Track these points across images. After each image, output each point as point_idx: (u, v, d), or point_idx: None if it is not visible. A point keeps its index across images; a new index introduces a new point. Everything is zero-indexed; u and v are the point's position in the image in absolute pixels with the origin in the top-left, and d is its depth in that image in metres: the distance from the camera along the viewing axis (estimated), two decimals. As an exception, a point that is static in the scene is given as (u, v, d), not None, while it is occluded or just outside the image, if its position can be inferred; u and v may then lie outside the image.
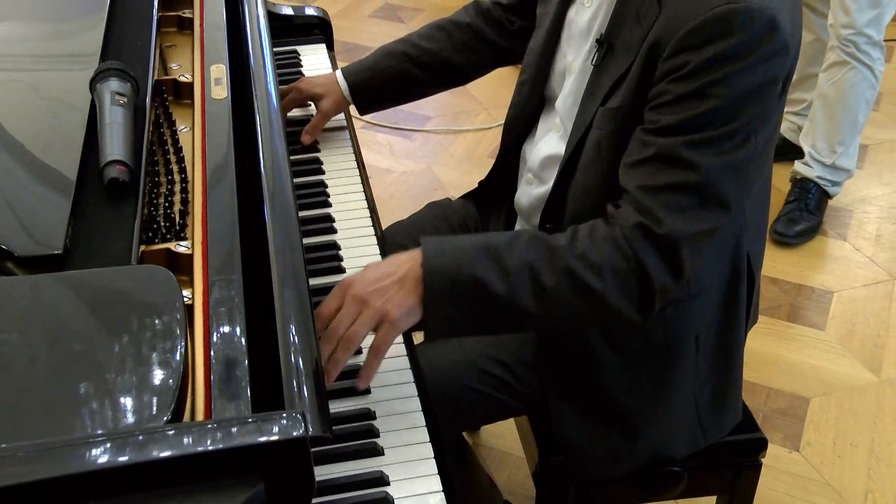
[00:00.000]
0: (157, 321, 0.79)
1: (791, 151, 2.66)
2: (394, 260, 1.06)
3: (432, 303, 1.02)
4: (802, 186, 2.52)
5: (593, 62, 1.15)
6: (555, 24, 1.25)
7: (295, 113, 1.55)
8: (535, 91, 1.30)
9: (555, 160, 1.23)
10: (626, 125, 1.09)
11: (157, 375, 0.74)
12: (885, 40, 2.40)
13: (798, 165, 2.54)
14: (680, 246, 1.03)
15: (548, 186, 1.24)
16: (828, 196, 2.53)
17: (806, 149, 2.51)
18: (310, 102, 1.54)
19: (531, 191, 1.30)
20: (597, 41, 1.14)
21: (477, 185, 1.48)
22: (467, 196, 1.51)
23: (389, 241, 1.37)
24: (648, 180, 1.03)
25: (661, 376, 1.22)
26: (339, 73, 1.50)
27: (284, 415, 0.70)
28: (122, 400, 0.72)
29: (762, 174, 1.18)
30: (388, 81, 1.48)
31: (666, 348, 1.21)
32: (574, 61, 1.22)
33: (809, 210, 2.50)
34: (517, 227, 1.37)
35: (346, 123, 1.56)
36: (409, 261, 1.04)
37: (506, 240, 1.06)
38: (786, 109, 2.69)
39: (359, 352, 1.05)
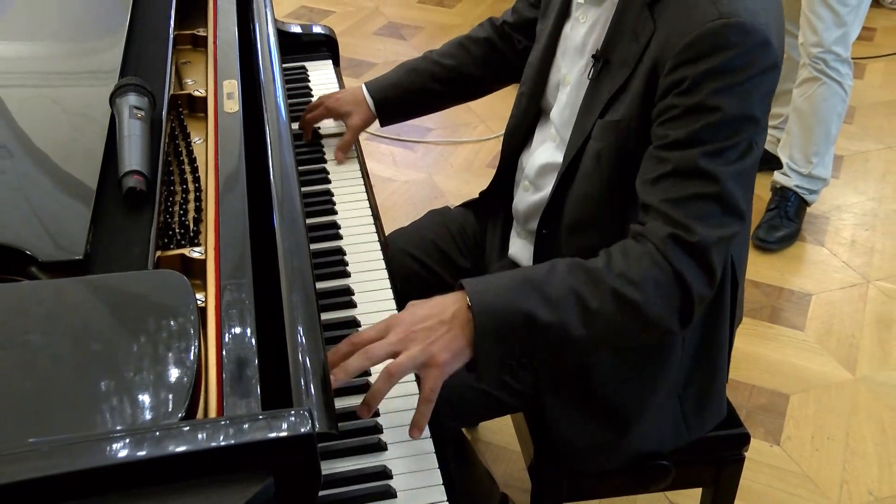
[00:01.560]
0: (172, 323, 0.79)
1: (771, 162, 2.67)
2: (439, 301, 0.99)
3: (484, 343, 0.97)
4: (782, 195, 2.53)
5: (590, 76, 1.14)
6: (551, 39, 1.25)
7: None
8: (532, 103, 1.30)
9: (551, 168, 1.23)
10: (627, 138, 1.09)
11: (173, 374, 0.74)
12: (854, 58, 2.42)
13: (777, 175, 2.56)
14: (711, 251, 1.01)
15: (543, 193, 1.24)
16: (806, 204, 2.54)
17: (784, 160, 2.53)
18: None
19: (528, 197, 1.30)
20: (593, 56, 1.14)
21: (478, 195, 1.48)
22: (466, 204, 1.50)
23: (392, 246, 1.37)
24: (671, 193, 1.02)
25: (649, 373, 1.22)
26: (364, 89, 1.49)
27: (293, 412, 0.69)
28: (139, 397, 0.72)
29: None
30: (411, 97, 1.49)
31: (654, 346, 1.21)
32: (568, 74, 1.22)
33: (789, 217, 2.51)
34: (513, 232, 1.37)
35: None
36: (454, 302, 0.98)
37: (544, 271, 1.02)
38: None
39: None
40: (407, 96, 1.49)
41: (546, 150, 1.26)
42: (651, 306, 1.00)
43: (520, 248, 1.34)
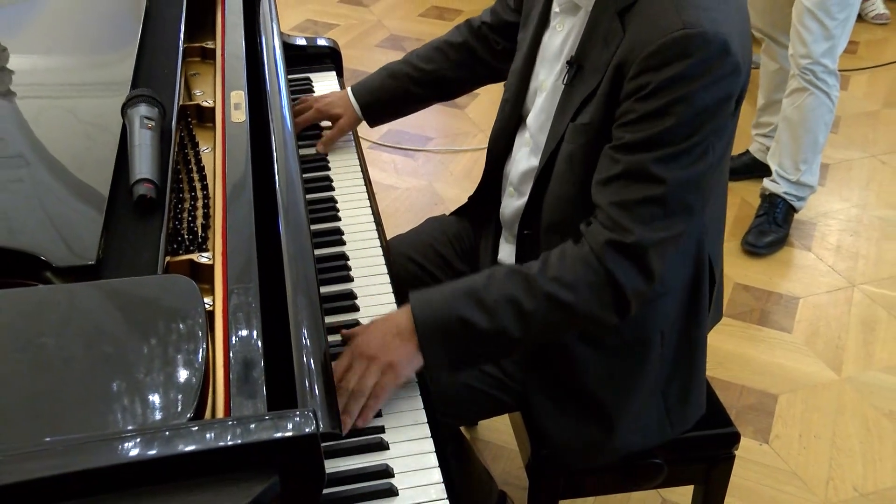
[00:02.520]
0: (181, 326, 0.79)
1: (760, 170, 2.68)
2: (392, 317, 1.08)
3: (429, 347, 1.04)
4: (771, 201, 2.53)
5: (564, 81, 1.15)
6: (531, 47, 1.26)
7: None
8: (515, 109, 1.30)
9: (529, 173, 1.24)
10: (596, 139, 1.10)
11: (182, 375, 0.74)
12: (841, 70, 2.42)
13: (766, 182, 2.56)
14: (648, 252, 1.03)
15: (525, 198, 1.24)
16: (794, 210, 2.54)
17: (773, 167, 2.53)
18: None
19: (513, 203, 1.30)
20: (567, 62, 1.15)
21: (467, 200, 1.48)
22: (460, 211, 1.50)
23: (393, 251, 1.37)
24: (619, 196, 1.04)
25: (631, 370, 1.22)
26: (350, 93, 1.53)
27: (297, 413, 0.69)
28: (150, 397, 0.72)
29: (720, 183, 1.19)
30: (393, 99, 1.53)
31: (635, 343, 1.21)
32: (545, 80, 1.22)
33: (777, 223, 2.51)
34: (502, 238, 1.37)
35: (354, 144, 1.57)
36: (403, 315, 1.06)
37: (482, 279, 1.08)
38: (755, 132, 2.71)
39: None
40: (389, 99, 1.53)
41: (523, 156, 1.27)
42: (584, 306, 1.05)
43: (507, 254, 1.34)
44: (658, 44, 1.00)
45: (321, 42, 1.81)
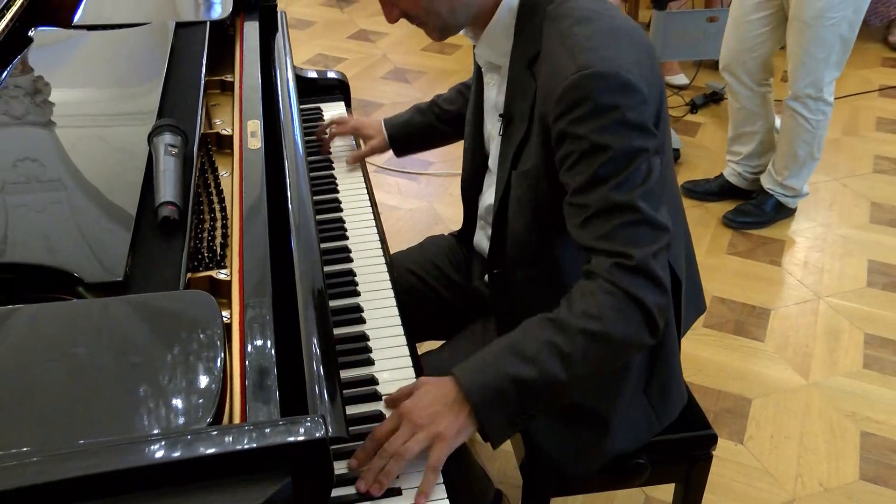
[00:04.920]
0: (201, 337, 0.79)
1: (733, 193, 2.73)
2: (440, 386, 1.01)
3: (486, 413, 0.98)
4: (762, 191, 2.66)
5: (499, 133, 1.16)
6: (477, 100, 1.28)
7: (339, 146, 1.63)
8: (475, 155, 1.31)
9: (492, 209, 1.23)
10: (538, 184, 1.09)
11: (202, 382, 0.74)
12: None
13: (762, 177, 2.66)
14: (651, 265, 1.01)
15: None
16: (783, 206, 2.64)
17: (769, 166, 2.63)
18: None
19: (485, 233, 1.30)
20: (500, 115, 1.15)
21: (457, 232, 1.49)
22: (457, 236, 1.51)
23: (395, 265, 1.37)
24: (601, 230, 1.02)
25: (613, 377, 1.20)
26: (383, 122, 1.58)
27: (308, 418, 0.69)
28: (173, 403, 0.72)
29: (666, 192, 1.15)
30: (419, 133, 1.57)
31: None
32: (492, 130, 1.23)
33: (762, 210, 2.64)
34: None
35: (361, 168, 1.57)
36: (451, 385, 1.00)
37: (518, 334, 1.03)
38: (728, 158, 2.76)
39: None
40: (415, 133, 1.56)
41: (489, 194, 1.27)
42: (617, 331, 1.00)
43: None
44: (560, 90, 1.00)
45: (331, 75, 1.82)
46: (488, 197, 1.27)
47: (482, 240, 1.31)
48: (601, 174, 1.00)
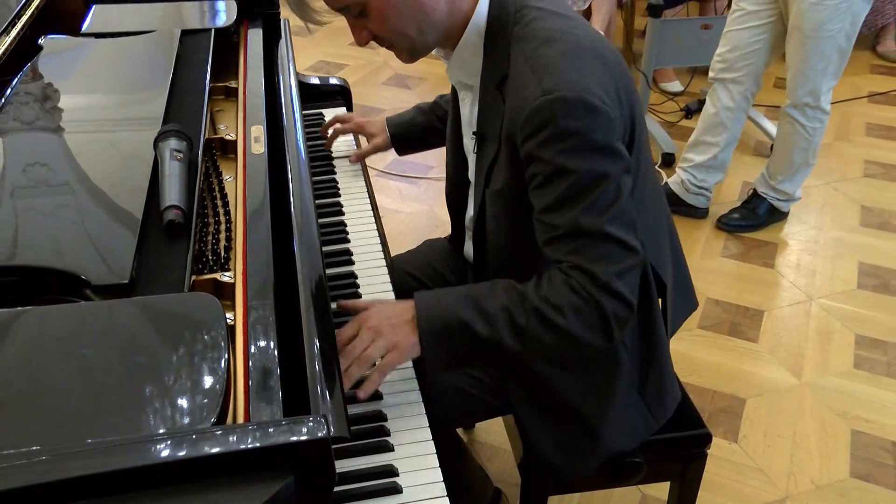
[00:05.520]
0: (205, 338, 0.78)
1: (673, 203, 2.68)
2: (401, 305, 1.06)
3: (429, 342, 1.03)
4: (755, 194, 2.67)
5: (474, 150, 1.15)
6: (455, 115, 1.27)
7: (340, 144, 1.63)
8: (457, 169, 1.31)
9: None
10: (510, 203, 1.10)
11: (206, 383, 0.74)
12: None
13: (756, 180, 2.68)
14: (616, 284, 1.01)
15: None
16: (776, 209, 2.65)
17: (762, 170, 2.66)
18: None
19: (471, 244, 1.30)
20: (473, 133, 1.15)
21: (448, 237, 1.49)
22: (450, 238, 1.51)
23: (396, 268, 1.37)
24: (569, 247, 1.02)
25: (605, 382, 1.20)
26: (386, 121, 1.57)
27: (311, 418, 0.69)
28: (178, 403, 0.72)
29: (644, 202, 1.16)
30: (420, 133, 1.56)
31: (602, 359, 1.19)
32: (469, 145, 1.23)
33: (756, 213, 2.65)
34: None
35: (362, 172, 1.57)
36: (409, 306, 1.05)
37: (485, 289, 1.06)
38: (679, 165, 2.73)
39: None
40: (417, 133, 1.56)
41: (472, 207, 1.27)
42: (573, 328, 1.01)
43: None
44: (526, 113, 0.99)
45: (333, 81, 1.82)
46: (471, 209, 1.27)
47: (469, 249, 1.32)
48: (566, 196, 1.00)
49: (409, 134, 1.56)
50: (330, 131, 1.62)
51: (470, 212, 1.28)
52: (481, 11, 1.07)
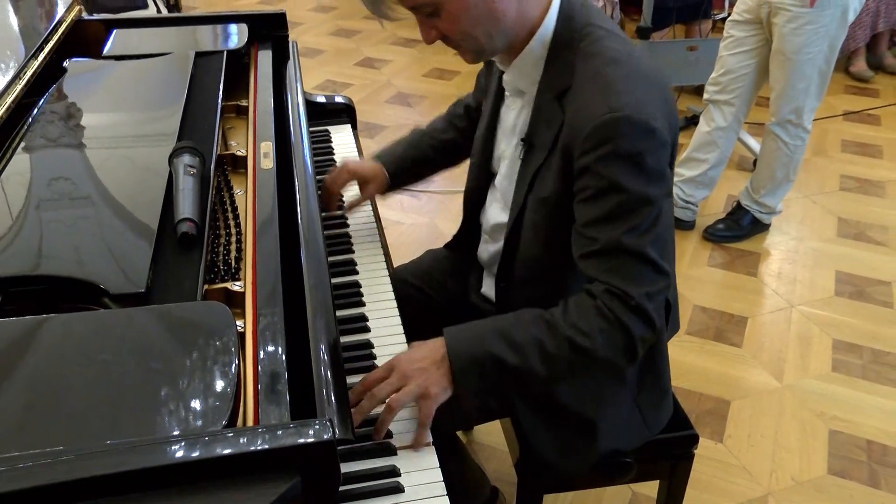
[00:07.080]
0: (217, 344, 0.79)
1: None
2: (431, 345, 1.03)
3: (462, 379, 1.01)
4: (739, 207, 2.69)
5: (520, 156, 1.14)
6: (491, 118, 1.24)
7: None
8: (482, 171, 1.29)
9: (500, 226, 1.22)
10: (556, 211, 1.08)
11: (218, 386, 0.74)
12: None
13: (740, 194, 2.69)
14: (647, 306, 1.01)
15: (499, 244, 1.22)
16: (759, 221, 2.66)
17: (746, 183, 2.67)
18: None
19: (488, 248, 1.29)
20: (521, 140, 1.14)
21: (452, 239, 1.46)
22: (450, 245, 1.48)
23: (398, 278, 1.37)
24: (605, 265, 1.01)
25: (605, 386, 1.20)
26: (379, 163, 1.44)
27: (317, 421, 0.69)
28: (191, 405, 0.72)
29: (669, 236, 1.15)
30: (415, 166, 1.48)
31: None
32: (506, 149, 1.21)
33: (739, 224, 2.67)
34: (485, 273, 1.35)
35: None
36: (440, 345, 1.03)
37: (511, 320, 1.04)
38: None
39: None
40: (412, 166, 1.48)
41: (495, 210, 1.26)
42: (600, 351, 1.01)
43: (489, 286, 1.32)
44: (590, 128, 0.98)
45: (338, 99, 1.82)
46: (494, 214, 1.25)
47: (485, 253, 1.30)
48: (613, 213, 0.99)
49: (405, 168, 1.47)
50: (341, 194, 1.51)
51: (495, 216, 1.25)
52: (549, 24, 1.06)
